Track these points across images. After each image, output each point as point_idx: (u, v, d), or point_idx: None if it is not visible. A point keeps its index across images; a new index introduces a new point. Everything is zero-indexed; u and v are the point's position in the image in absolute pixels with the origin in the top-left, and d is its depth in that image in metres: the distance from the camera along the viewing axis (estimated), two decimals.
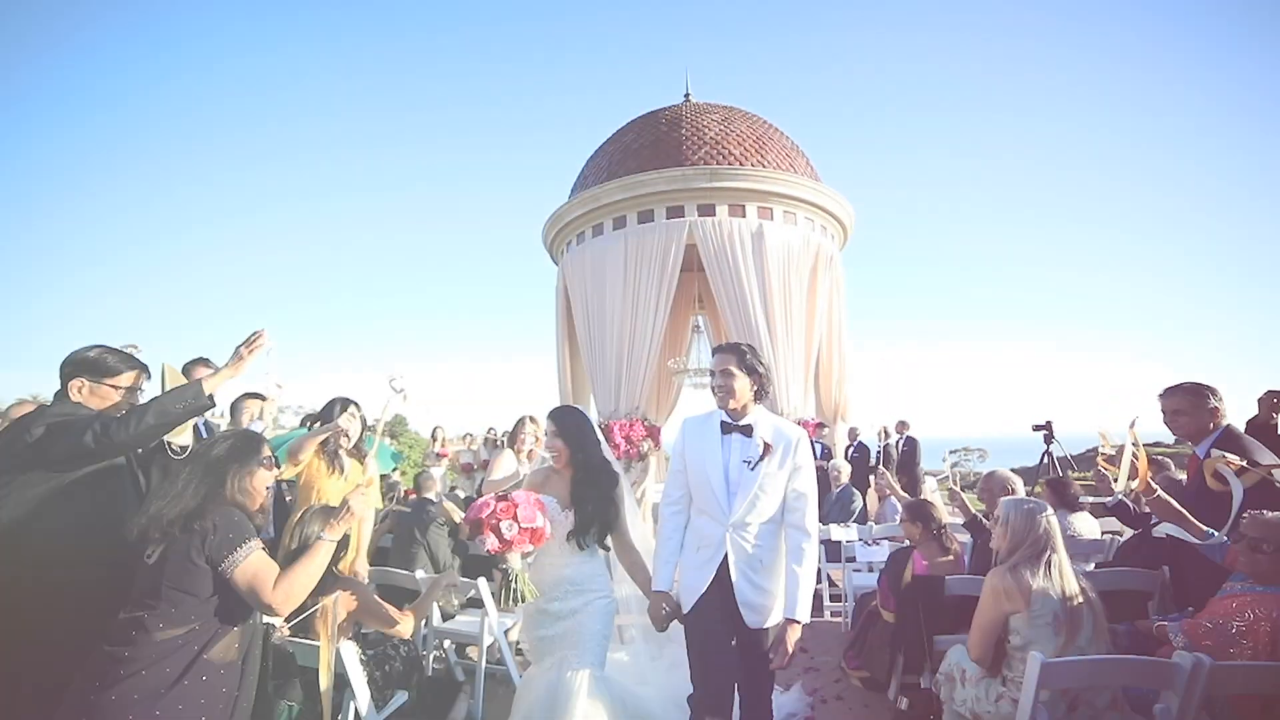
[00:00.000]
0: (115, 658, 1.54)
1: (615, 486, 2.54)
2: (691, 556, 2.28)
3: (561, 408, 2.70)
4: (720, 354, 2.36)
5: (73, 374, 2.06)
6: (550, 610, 2.42)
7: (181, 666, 1.57)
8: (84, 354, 2.08)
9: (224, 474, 1.77)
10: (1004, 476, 3.49)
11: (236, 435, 1.96)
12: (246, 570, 1.66)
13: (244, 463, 1.82)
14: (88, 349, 2.10)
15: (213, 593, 1.65)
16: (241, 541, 1.69)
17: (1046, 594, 2.14)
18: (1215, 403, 2.78)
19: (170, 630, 1.59)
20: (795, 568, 2.19)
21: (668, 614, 2.26)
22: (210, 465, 1.78)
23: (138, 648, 1.56)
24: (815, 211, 10.14)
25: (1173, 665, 1.90)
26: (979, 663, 2.30)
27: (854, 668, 3.77)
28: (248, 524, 1.76)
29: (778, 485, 2.22)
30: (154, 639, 1.57)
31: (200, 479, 1.74)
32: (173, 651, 1.58)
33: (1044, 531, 2.24)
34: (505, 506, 2.21)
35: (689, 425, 2.42)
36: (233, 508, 1.77)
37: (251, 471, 1.84)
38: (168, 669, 1.56)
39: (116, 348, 2.17)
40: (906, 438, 8.93)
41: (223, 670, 1.66)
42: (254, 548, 1.71)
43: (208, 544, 1.64)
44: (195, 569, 1.63)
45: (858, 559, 4.76)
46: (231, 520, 1.72)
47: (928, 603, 3.19)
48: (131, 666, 1.53)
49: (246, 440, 1.90)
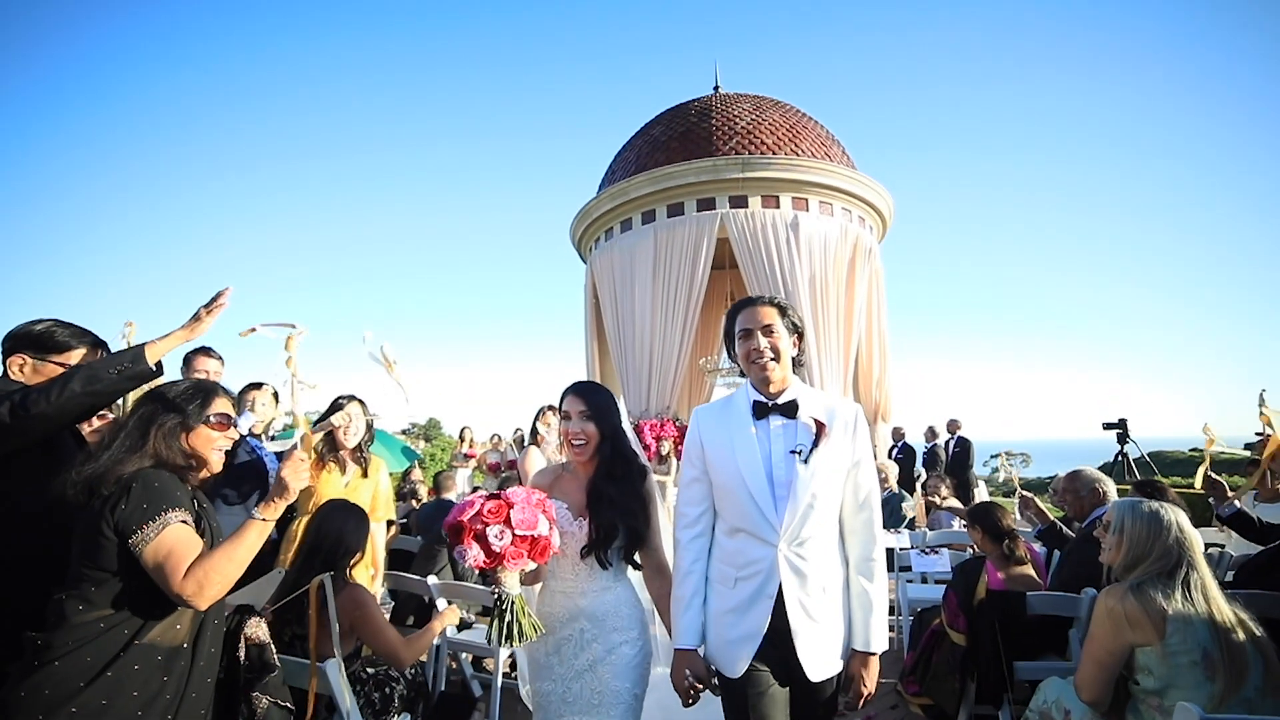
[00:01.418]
0: (34, 645, 1.31)
1: (645, 480, 1.95)
2: (726, 595, 1.67)
3: (587, 382, 2.05)
4: (752, 307, 1.74)
5: (13, 349, 1.81)
6: (561, 656, 1.83)
7: (107, 655, 1.31)
8: (29, 327, 1.84)
9: (155, 426, 1.46)
10: (1092, 476, 3.02)
11: (189, 382, 1.62)
12: (159, 548, 1.33)
13: (180, 414, 1.49)
14: (35, 322, 1.85)
15: (125, 571, 1.36)
16: (158, 512, 1.36)
17: (1189, 622, 1.68)
18: None
19: (91, 613, 1.33)
20: (867, 585, 1.67)
21: (695, 683, 1.65)
22: (144, 416, 1.48)
23: (55, 633, 1.31)
24: (853, 201, 9.68)
25: None
26: (1093, 705, 1.85)
27: (913, 693, 3.34)
28: (173, 490, 1.43)
29: (838, 479, 1.67)
30: (71, 623, 1.32)
31: (129, 430, 1.45)
32: (93, 637, 1.32)
33: (1175, 540, 1.79)
34: (496, 506, 1.63)
35: (703, 416, 1.82)
36: (160, 470, 1.45)
37: (189, 427, 1.50)
38: (88, 658, 1.30)
39: (70, 322, 1.91)
40: (958, 438, 8.36)
41: (160, 656, 1.38)
42: (173, 520, 1.37)
43: (117, 512, 1.35)
44: (106, 543, 1.34)
45: (914, 569, 4.32)
46: (151, 485, 1.39)
47: (1005, 623, 2.76)
48: (46, 655, 1.29)
49: (195, 389, 1.57)
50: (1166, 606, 1.72)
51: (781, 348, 1.69)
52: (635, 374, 9.36)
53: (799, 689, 1.65)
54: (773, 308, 1.73)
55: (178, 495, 1.42)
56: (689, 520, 1.77)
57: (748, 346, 1.71)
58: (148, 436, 1.44)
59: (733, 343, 1.79)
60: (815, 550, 1.63)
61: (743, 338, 1.73)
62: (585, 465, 1.94)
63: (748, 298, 1.82)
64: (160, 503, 1.37)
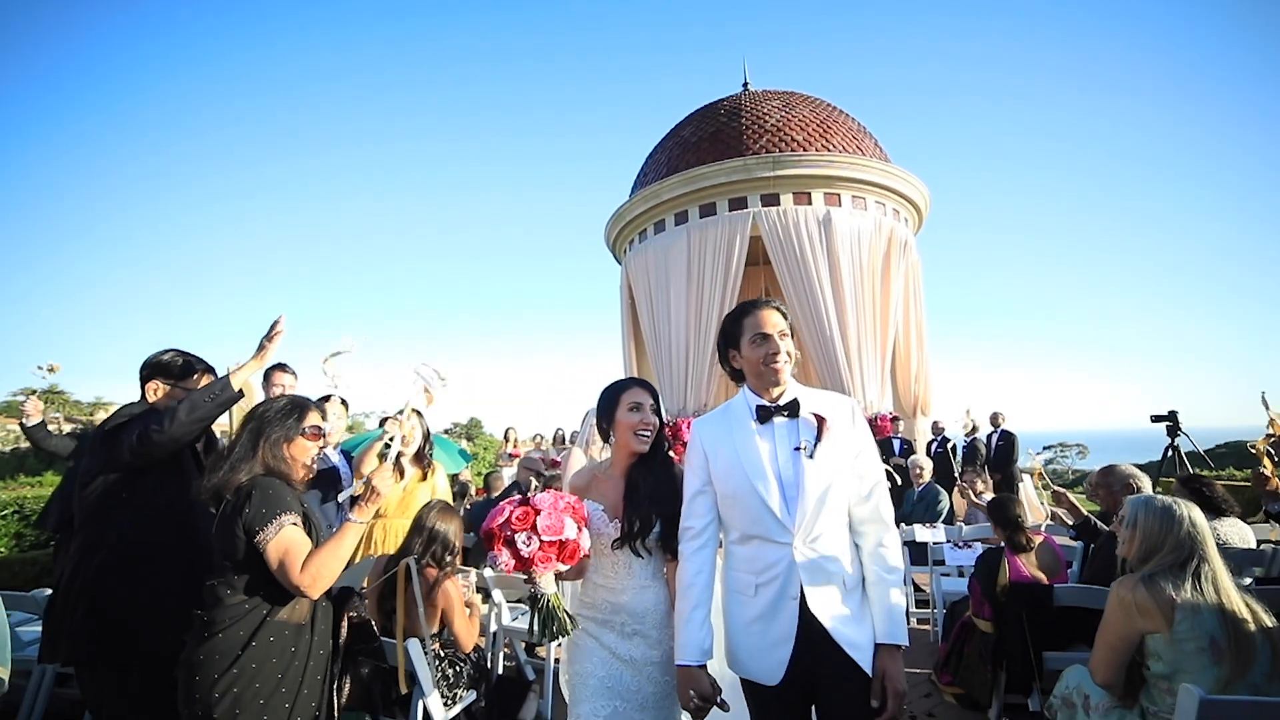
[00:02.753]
0: (201, 620, 1.63)
1: (673, 467, 1.99)
2: (749, 604, 1.65)
3: (642, 380, 2.10)
4: (763, 311, 1.72)
5: (150, 376, 2.24)
6: (602, 641, 1.89)
7: (251, 630, 1.61)
8: (159, 358, 2.27)
9: (265, 438, 1.74)
10: (1126, 472, 3.06)
11: (285, 399, 1.87)
12: (278, 546, 1.59)
13: (284, 427, 1.76)
14: (162, 353, 2.29)
15: (255, 564, 1.62)
16: (274, 515, 1.61)
17: (1197, 611, 1.78)
18: None
19: (236, 596, 1.63)
20: (884, 574, 1.62)
21: (701, 700, 1.59)
22: (252, 431, 1.76)
23: (215, 611, 1.62)
24: (886, 194, 9.60)
25: None
26: (1107, 688, 1.97)
27: (947, 683, 3.45)
28: (285, 495, 1.68)
29: (845, 471, 1.66)
30: (225, 604, 1.62)
31: (242, 444, 1.73)
32: (241, 616, 1.62)
33: (1187, 534, 1.88)
34: (523, 514, 1.71)
35: (703, 427, 1.82)
36: (272, 477, 1.71)
37: (290, 439, 1.76)
38: (240, 632, 1.60)
39: (188, 351, 2.34)
40: (1002, 432, 8.22)
41: (288, 632, 1.66)
42: (286, 522, 1.62)
43: (244, 515, 1.61)
44: (239, 541, 1.61)
45: (947, 562, 4.38)
46: (267, 492, 1.65)
47: (1033, 614, 2.86)
48: (212, 629, 1.60)
49: (292, 406, 1.83)
50: (1175, 596, 1.82)
51: (792, 351, 1.71)
52: (672, 372, 9.54)
53: (849, 692, 1.57)
54: (779, 312, 1.74)
55: (288, 500, 1.68)
56: (694, 533, 1.74)
57: (765, 351, 1.69)
58: (258, 448, 1.72)
59: (735, 345, 1.78)
60: (830, 545, 1.62)
61: (757, 342, 1.71)
62: (628, 457, 1.97)
63: (750, 301, 1.79)
64: (275, 507, 1.63)
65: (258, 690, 1.58)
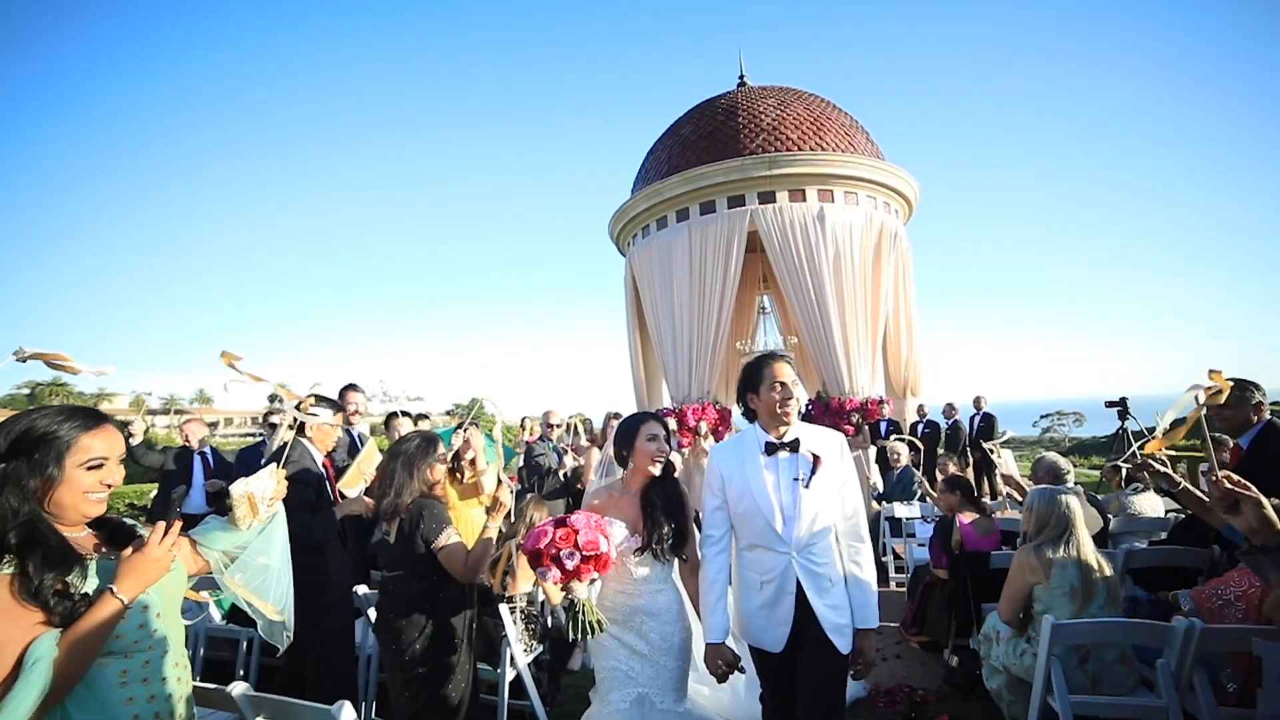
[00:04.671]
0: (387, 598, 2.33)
1: (679, 486, 2.41)
2: (756, 596, 2.08)
3: (656, 414, 2.52)
4: (779, 364, 2.11)
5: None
6: (622, 641, 2.24)
7: (432, 603, 2.27)
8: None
9: (414, 468, 2.34)
10: (1051, 461, 3.79)
11: (420, 435, 2.48)
12: (447, 550, 2.24)
13: (428, 458, 2.37)
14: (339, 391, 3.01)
15: (431, 562, 2.27)
16: (443, 527, 2.26)
17: (1065, 567, 2.53)
18: (1259, 397, 2.92)
19: (417, 584, 2.29)
20: (861, 576, 2.09)
21: (726, 667, 2.05)
22: (405, 462, 2.34)
23: (395, 596, 2.30)
24: (877, 189, 10.09)
25: (1168, 627, 2.27)
26: (1008, 624, 2.74)
27: (913, 634, 4.23)
28: (445, 511, 2.32)
29: (832, 497, 2.08)
30: (411, 590, 2.28)
31: (401, 473, 2.33)
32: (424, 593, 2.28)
33: (1063, 514, 2.62)
34: (565, 533, 2.02)
35: (721, 455, 2.20)
36: (431, 499, 2.33)
37: (432, 465, 2.37)
38: (426, 605, 2.28)
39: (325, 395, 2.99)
40: (983, 414, 8.97)
41: (455, 603, 2.33)
42: (452, 533, 2.26)
43: (420, 528, 2.25)
44: (419, 545, 2.26)
45: (918, 535, 5.15)
46: (433, 510, 2.28)
47: (975, 574, 3.61)
48: (405, 605, 2.27)
49: (428, 441, 2.43)
50: (1052, 558, 2.57)
51: (800, 398, 2.10)
52: (676, 362, 10.16)
53: (823, 658, 2.00)
54: (788, 363, 2.13)
55: (446, 515, 2.35)
56: (714, 540, 2.14)
57: (781, 397, 2.06)
58: (413, 475, 2.36)
59: (755, 389, 2.16)
60: (819, 554, 2.04)
61: (776, 389, 2.08)
62: (635, 484, 2.33)
63: (769, 354, 2.20)
64: (441, 522, 2.30)
65: (444, 632, 2.28)
